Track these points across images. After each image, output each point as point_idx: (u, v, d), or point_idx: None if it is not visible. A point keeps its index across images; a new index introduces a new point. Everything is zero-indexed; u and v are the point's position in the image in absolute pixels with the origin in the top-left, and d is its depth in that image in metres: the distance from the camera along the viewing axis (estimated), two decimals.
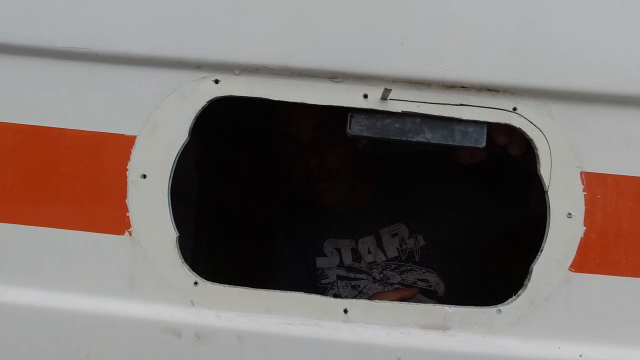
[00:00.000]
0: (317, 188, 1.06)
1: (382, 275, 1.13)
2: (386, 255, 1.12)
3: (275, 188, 1.44)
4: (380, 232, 1.13)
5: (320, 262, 1.16)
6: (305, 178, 1.06)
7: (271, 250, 1.25)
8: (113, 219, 0.71)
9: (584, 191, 0.69)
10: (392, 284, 1.12)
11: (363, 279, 1.14)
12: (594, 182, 0.69)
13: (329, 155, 1.03)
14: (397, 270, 1.12)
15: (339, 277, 1.15)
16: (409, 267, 1.12)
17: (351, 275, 1.14)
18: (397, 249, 1.12)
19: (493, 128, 0.71)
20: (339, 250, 1.16)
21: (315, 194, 1.08)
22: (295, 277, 1.17)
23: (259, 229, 1.49)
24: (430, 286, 1.11)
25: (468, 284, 1.13)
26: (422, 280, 1.12)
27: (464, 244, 1.11)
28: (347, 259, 1.15)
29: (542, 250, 0.70)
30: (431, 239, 1.10)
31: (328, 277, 1.16)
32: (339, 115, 0.77)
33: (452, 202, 1.11)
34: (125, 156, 0.70)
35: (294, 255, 1.19)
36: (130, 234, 0.71)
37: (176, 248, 0.71)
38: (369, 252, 1.13)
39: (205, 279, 0.71)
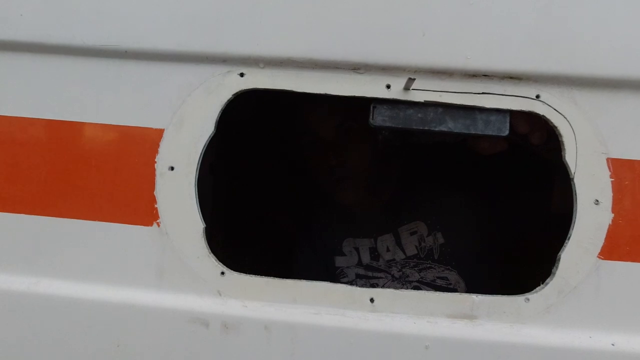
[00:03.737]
0: (337, 186, 1.07)
1: (400, 273, 1.12)
2: (405, 253, 1.12)
3: (293, 189, 1.45)
4: (399, 230, 1.12)
5: (339, 261, 1.17)
6: (326, 176, 1.07)
7: (290, 250, 1.25)
8: (142, 210, 0.72)
9: (610, 177, 0.68)
10: (410, 282, 1.11)
11: (382, 278, 1.13)
12: (621, 168, 0.68)
13: (350, 154, 1.04)
14: (416, 268, 1.11)
15: (358, 276, 1.15)
16: (428, 265, 1.11)
17: (370, 273, 1.14)
18: (416, 246, 1.11)
19: (514, 117, 0.71)
20: (357, 249, 1.16)
21: (335, 192, 1.09)
22: (314, 277, 1.17)
23: (277, 229, 1.50)
24: (450, 284, 1.10)
25: (488, 282, 1.11)
26: (441, 278, 1.11)
27: (484, 242, 1.10)
28: (365, 258, 1.15)
29: (569, 237, 0.69)
30: (450, 236, 1.10)
31: (347, 276, 1.16)
32: (361, 114, 0.78)
33: (471, 200, 1.10)
34: (154, 149, 0.72)
35: (313, 254, 1.19)
36: (159, 225, 0.72)
37: (203, 239, 0.72)
38: (388, 250, 1.13)
39: None
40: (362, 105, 0.72)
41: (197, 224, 0.72)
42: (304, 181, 1.20)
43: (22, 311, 0.72)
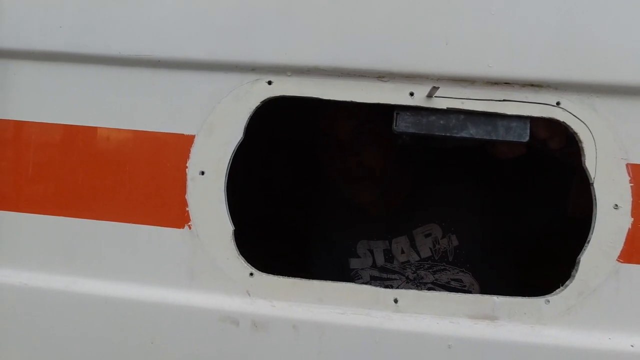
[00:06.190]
0: (354, 186, 1.09)
1: (415, 274, 1.14)
2: (419, 255, 1.13)
3: (309, 190, 1.47)
4: (413, 233, 1.14)
5: (354, 263, 1.18)
6: (343, 176, 1.09)
7: (304, 251, 1.27)
8: (174, 213, 0.75)
9: (630, 182, 0.70)
10: (425, 284, 1.13)
11: (396, 279, 1.15)
12: None
13: (367, 154, 1.06)
14: (431, 270, 1.13)
15: (372, 278, 1.17)
16: (442, 267, 1.12)
17: (384, 275, 1.16)
18: (431, 249, 1.13)
19: (534, 123, 0.73)
20: (371, 252, 1.17)
21: (352, 192, 1.11)
22: (329, 278, 1.19)
23: (291, 230, 1.52)
24: (465, 286, 1.11)
25: (502, 284, 1.12)
26: (455, 280, 1.12)
27: (498, 244, 1.11)
28: (380, 260, 1.17)
29: (589, 241, 0.71)
30: (465, 239, 1.11)
31: (362, 278, 1.18)
32: (379, 115, 0.80)
33: (486, 202, 1.12)
34: (185, 154, 0.75)
35: (328, 256, 1.21)
36: (190, 228, 0.75)
37: (232, 241, 0.74)
38: (403, 252, 1.14)
39: None
40: (379, 107, 0.74)
41: (226, 227, 0.75)
42: (320, 182, 1.22)
43: (61, 309, 0.76)
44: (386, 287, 1.14)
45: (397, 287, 1.14)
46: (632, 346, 0.69)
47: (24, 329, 0.77)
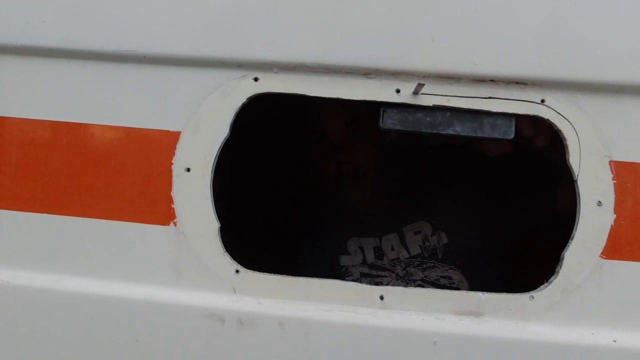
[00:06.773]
0: (344, 184, 1.09)
1: (405, 272, 1.15)
2: (409, 253, 1.14)
3: (299, 188, 1.47)
4: (403, 230, 1.15)
5: (344, 260, 1.19)
6: (334, 173, 1.10)
7: (294, 248, 1.27)
8: (159, 210, 0.74)
9: (613, 180, 0.71)
10: (414, 281, 1.13)
11: (386, 276, 1.16)
12: (623, 171, 0.71)
13: (358, 152, 1.06)
14: (420, 267, 1.14)
15: (363, 275, 1.17)
16: (432, 264, 1.13)
17: (374, 272, 1.16)
18: (420, 246, 1.13)
19: (520, 120, 0.73)
20: (362, 249, 1.18)
21: (342, 190, 1.11)
22: (320, 275, 1.19)
23: (282, 227, 1.52)
24: (453, 283, 1.12)
25: (491, 282, 1.13)
26: (445, 277, 1.13)
27: (487, 242, 1.12)
28: (370, 257, 1.17)
29: (572, 237, 0.71)
30: (454, 236, 1.12)
31: (352, 275, 1.18)
32: (369, 113, 0.80)
33: (475, 200, 1.12)
34: (171, 151, 0.74)
35: (320, 253, 1.22)
36: (175, 225, 0.74)
37: (218, 238, 0.74)
38: (393, 249, 1.15)
39: None
40: (370, 104, 0.74)
41: (212, 224, 0.74)
42: (311, 179, 1.22)
43: (45, 307, 0.75)
44: (376, 284, 1.16)
45: (387, 284, 1.14)
46: (614, 341, 0.69)
47: (6, 328, 0.76)
